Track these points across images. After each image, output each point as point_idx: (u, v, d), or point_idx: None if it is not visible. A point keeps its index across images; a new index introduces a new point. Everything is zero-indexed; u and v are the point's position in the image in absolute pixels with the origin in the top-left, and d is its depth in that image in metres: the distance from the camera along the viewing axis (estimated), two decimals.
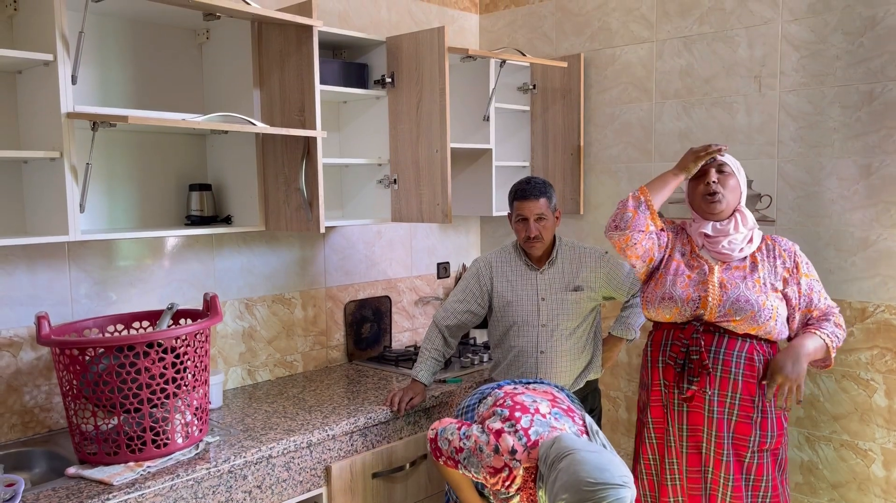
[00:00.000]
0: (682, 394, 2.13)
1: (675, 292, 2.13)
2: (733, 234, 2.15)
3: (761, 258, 2.17)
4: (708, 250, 2.19)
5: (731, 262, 2.16)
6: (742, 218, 2.17)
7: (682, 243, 2.26)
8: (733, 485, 2.11)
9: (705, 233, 2.17)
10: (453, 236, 3.51)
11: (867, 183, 2.50)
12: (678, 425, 2.16)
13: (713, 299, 2.10)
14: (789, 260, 2.17)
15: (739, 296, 2.09)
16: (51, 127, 1.98)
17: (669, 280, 2.16)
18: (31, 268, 2.19)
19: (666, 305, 2.14)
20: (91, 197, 2.19)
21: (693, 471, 2.15)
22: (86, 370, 1.92)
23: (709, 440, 2.12)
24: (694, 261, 2.20)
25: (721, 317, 2.09)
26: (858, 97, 2.50)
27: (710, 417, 2.11)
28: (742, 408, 2.10)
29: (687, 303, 2.12)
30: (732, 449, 2.11)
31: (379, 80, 2.75)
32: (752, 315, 2.07)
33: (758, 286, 2.11)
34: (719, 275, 2.13)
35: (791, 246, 2.21)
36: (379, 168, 2.82)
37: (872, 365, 2.52)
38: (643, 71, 3.02)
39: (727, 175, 2.17)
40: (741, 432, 2.11)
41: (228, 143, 2.50)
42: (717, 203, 2.14)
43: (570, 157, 3.22)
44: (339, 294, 3.03)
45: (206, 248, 2.61)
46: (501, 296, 2.51)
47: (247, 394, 2.63)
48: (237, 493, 2.03)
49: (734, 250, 2.15)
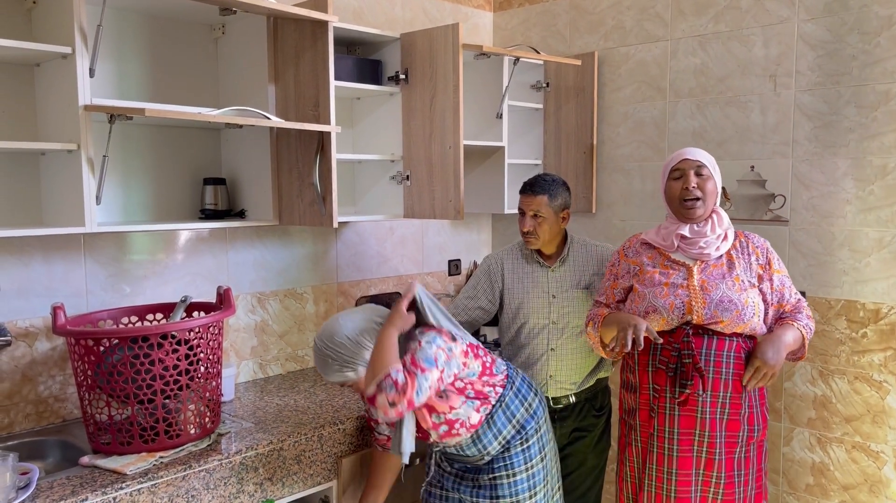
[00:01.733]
0: (675, 398, 2.11)
1: (658, 303, 2.12)
2: (710, 236, 2.14)
3: (736, 255, 2.16)
4: (684, 251, 2.18)
5: (708, 261, 2.16)
6: (718, 219, 2.16)
7: (647, 257, 2.23)
8: (725, 482, 2.11)
9: (682, 234, 2.15)
10: (465, 233, 3.51)
11: (883, 183, 2.48)
12: (668, 429, 2.13)
13: (697, 303, 2.08)
14: (762, 256, 2.17)
15: (723, 296, 2.08)
16: (68, 119, 1.99)
17: (649, 293, 2.14)
18: (47, 259, 2.21)
19: (652, 318, 2.13)
20: (107, 190, 2.21)
21: (683, 473, 2.13)
22: (100, 360, 1.93)
23: (700, 442, 2.10)
24: (668, 268, 2.17)
25: (708, 319, 2.08)
26: (875, 97, 2.48)
27: (702, 419, 2.10)
28: (732, 405, 2.10)
29: (672, 312, 2.11)
30: (725, 447, 2.11)
31: (393, 76, 2.76)
32: (737, 314, 2.07)
33: (737, 284, 2.10)
34: (699, 277, 2.12)
35: (763, 243, 2.20)
36: (392, 164, 2.83)
37: (886, 366, 2.51)
38: (657, 69, 3.01)
39: (705, 178, 2.13)
40: (732, 429, 2.11)
41: (243, 138, 2.52)
42: (695, 209, 2.12)
43: (583, 156, 3.21)
44: (351, 289, 3.04)
45: (220, 242, 2.62)
46: (512, 294, 2.51)
47: (258, 388, 2.65)
48: (248, 485, 2.05)
49: (711, 250, 2.14)
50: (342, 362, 1.97)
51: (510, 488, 2.09)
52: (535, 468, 2.12)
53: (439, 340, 1.94)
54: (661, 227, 2.24)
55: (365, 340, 1.98)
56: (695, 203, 2.12)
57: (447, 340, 1.96)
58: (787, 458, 2.76)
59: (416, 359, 1.89)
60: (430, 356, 1.89)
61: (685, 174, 2.14)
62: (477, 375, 2.03)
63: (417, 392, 1.83)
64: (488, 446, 2.08)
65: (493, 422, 2.06)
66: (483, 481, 2.11)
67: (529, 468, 2.11)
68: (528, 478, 2.11)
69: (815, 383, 2.67)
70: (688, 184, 2.13)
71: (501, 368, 2.13)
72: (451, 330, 2.01)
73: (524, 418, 2.11)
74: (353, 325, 2.00)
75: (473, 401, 2.02)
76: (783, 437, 2.76)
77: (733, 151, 2.81)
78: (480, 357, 2.06)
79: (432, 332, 1.96)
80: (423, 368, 1.86)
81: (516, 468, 2.10)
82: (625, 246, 2.31)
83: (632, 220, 3.14)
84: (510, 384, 2.11)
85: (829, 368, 2.63)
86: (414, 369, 1.86)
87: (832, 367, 2.63)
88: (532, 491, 2.11)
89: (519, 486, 2.10)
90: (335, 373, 1.99)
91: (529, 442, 2.11)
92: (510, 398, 2.09)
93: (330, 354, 1.97)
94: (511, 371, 2.16)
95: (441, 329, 1.99)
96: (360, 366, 1.97)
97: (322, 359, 1.99)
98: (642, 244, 2.27)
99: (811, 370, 2.67)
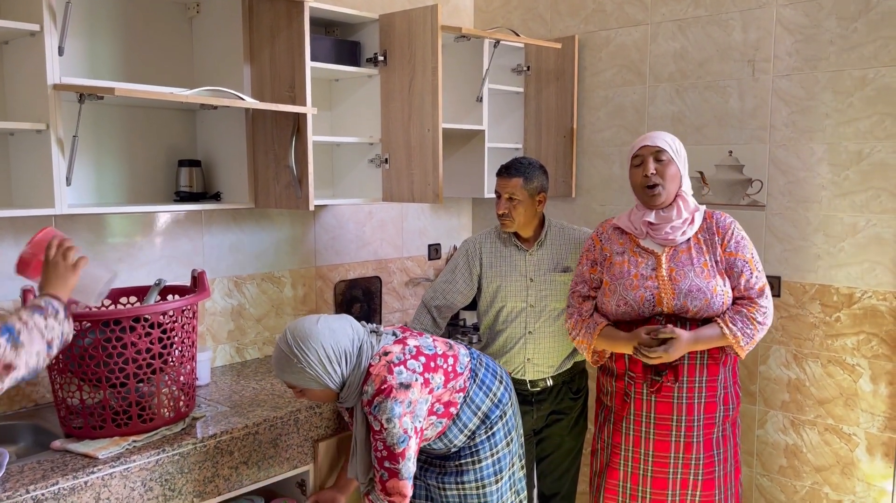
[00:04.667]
0: (650, 386, 2.13)
1: (628, 296, 2.12)
2: (675, 220, 2.12)
3: (704, 239, 2.15)
4: (652, 238, 2.17)
5: (677, 247, 2.15)
6: (684, 203, 2.14)
7: (618, 243, 2.23)
8: (704, 461, 2.14)
9: (649, 221, 2.15)
10: (445, 218, 3.50)
11: (858, 169, 2.50)
12: (644, 413, 2.15)
13: (666, 295, 2.09)
14: (726, 234, 2.15)
15: (691, 286, 2.08)
16: (37, 98, 1.95)
17: (619, 286, 2.15)
18: (18, 242, 2.18)
19: (624, 311, 2.13)
20: (78, 171, 2.17)
21: (660, 455, 2.14)
22: (71, 344, 1.91)
23: (678, 427, 2.12)
24: (637, 255, 2.18)
25: (678, 310, 2.09)
26: (851, 82, 2.49)
27: (678, 404, 2.11)
28: (709, 389, 2.12)
29: (643, 304, 2.11)
30: (703, 429, 2.13)
31: (371, 58, 2.73)
32: (706, 303, 2.07)
33: (706, 271, 2.10)
34: (667, 266, 2.12)
35: (729, 222, 2.17)
36: (370, 147, 2.81)
37: (858, 350, 2.54)
38: (637, 54, 3.00)
39: (665, 163, 2.11)
40: (709, 411, 2.13)
41: (218, 119, 2.48)
42: (656, 196, 2.11)
43: (563, 140, 3.21)
44: (330, 273, 3.03)
45: (196, 225, 2.59)
46: (490, 277, 2.51)
47: (235, 372, 2.63)
48: (223, 469, 2.04)
49: (677, 235, 2.13)
50: (306, 369, 1.89)
51: (476, 474, 2.10)
52: (500, 453, 2.12)
53: (396, 407, 1.84)
54: (631, 212, 2.24)
55: (341, 361, 1.90)
56: (654, 189, 2.12)
57: (402, 392, 1.86)
58: (760, 441, 2.79)
59: (390, 447, 1.84)
60: (399, 432, 1.85)
61: (644, 160, 2.13)
62: (441, 386, 1.99)
63: (408, 477, 1.88)
64: (454, 440, 2.08)
65: (458, 418, 2.06)
66: (449, 467, 2.11)
67: (495, 454, 2.11)
68: (494, 463, 2.11)
69: (789, 366, 2.70)
70: (647, 170, 2.12)
71: (464, 361, 2.08)
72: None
73: (489, 408, 2.10)
74: (334, 340, 1.91)
75: (441, 418, 2.02)
76: (757, 420, 2.79)
77: (712, 136, 2.82)
78: (440, 366, 1.99)
79: (385, 402, 1.84)
80: (401, 454, 1.85)
81: (482, 455, 2.10)
82: (598, 231, 2.31)
83: (611, 204, 3.14)
84: (473, 377, 2.09)
85: (803, 352, 2.66)
86: (394, 465, 1.85)
87: (806, 351, 2.65)
88: (497, 475, 2.12)
89: (485, 472, 2.10)
90: (293, 376, 1.91)
91: (494, 428, 2.10)
92: (474, 392, 2.08)
93: (299, 356, 1.88)
94: (474, 362, 2.13)
95: (393, 368, 1.90)
96: (325, 380, 1.90)
97: (284, 359, 1.90)
98: (614, 229, 2.27)
99: (785, 353, 2.70)
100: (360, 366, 1.92)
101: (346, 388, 1.93)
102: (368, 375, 1.91)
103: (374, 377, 1.89)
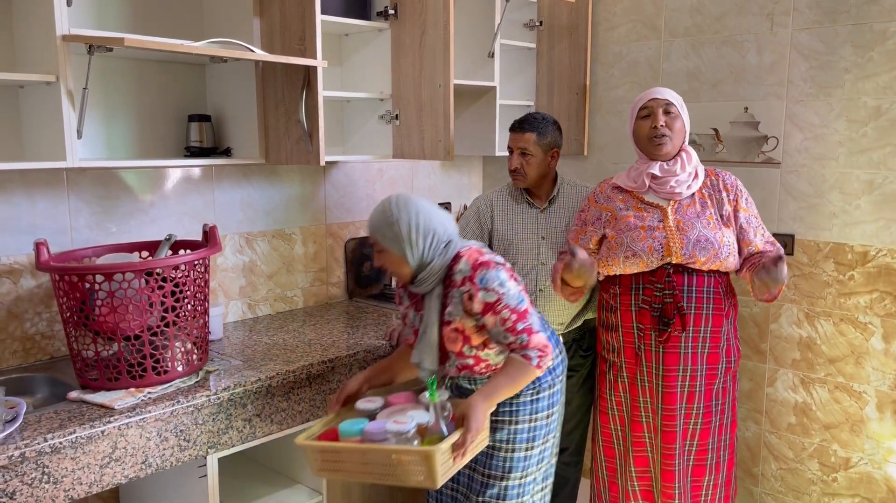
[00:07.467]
0: (659, 337, 2.15)
1: (636, 247, 2.13)
2: (680, 174, 2.17)
3: (708, 194, 2.20)
4: (655, 191, 2.19)
5: (681, 201, 2.17)
6: (687, 157, 2.19)
7: (619, 201, 2.24)
8: (703, 411, 2.19)
9: (653, 173, 2.17)
10: (455, 176, 3.48)
11: (876, 125, 2.46)
12: (654, 366, 2.18)
13: (675, 244, 2.11)
14: (732, 192, 2.20)
15: (699, 235, 2.11)
16: (46, 50, 1.94)
17: (627, 238, 2.16)
18: (29, 195, 2.18)
19: (632, 262, 2.15)
20: (89, 125, 2.16)
21: (669, 408, 2.18)
22: (85, 297, 1.92)
23: (684, 377, 2.17)
24: (643, 210, 2.19)
25: (687, 259, 2.11)
26: (872, 36, 2.44)
27: (685, 354, 2.15)
28: (713, 339, 2.16)
29: (651, 254, 2.13)
30: (705, 379, 2.18)
31: (381, 11, 2.69)
32: (714, 253, 2.11)
33: (712, 223, 2.14)
34: (674, 218, 2.15)
35: (734, 180, 2.23)
36: (381, 103, 2.78)
37: (871, 308, 2.53)
38: (653, 8, 2.94)
39: (673, 117, 2.17)
40: (712, 362, 2.18)
41: (228, 74, 2.46)
42: (662, 145, 2.15)
43: (576, 97, 3.16)
44: (340, 231, 3.02)
45: (206, 181, 2.59)
46: (501, 235, 2.50)
47: (247, 327, 2.65)
48: (237, 421, 2.06)
49: (682, 188, 2.17)
50: (394, 226, 1.88)
51: (509, 434, 2.01)
52: (538, 423, 2.04)
53: (501, 273, 1.87)
54: (631, 169, 2.25)
55: (427, 238, 1.89)
56: (662, 139, 2.14)
57: (500, 266, 1.89)
58: (770, 399, 2.80)
59: (515, 308, 1.84)
60: (516, 292, 1.86)
61: (654, 112, 2.17)
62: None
63: (541, 330, 1.89)
64: None
65: None
66: None
67: (533, 421, 2.03)
68: (529, 429, 2.02)
69: (800, 325, 2.69)
70: (656, 122, 2.15)
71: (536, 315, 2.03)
72: None
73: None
74: (429, 218, 1.91)
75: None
76: (767, 378, 2.79)
77: (727, 92, 2.77)
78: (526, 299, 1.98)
79: (489, 271, 1.86)
80: (526, 311, 1.86)
81: (520, 416, 2.02)
82: (595, 192, 2.32)
83: (624, 162, 3.10)
84: (543, 330, 2.01)
85: (815, 310, 2.65)
86: (527, 322, 1.85)
87: (818, 309, 2.64)
88: (529, 444, 2.03)
89: (518, 436, 2.02)
90: (380, 229, 1.91)
91: (541, 394, 2.03)
92: None
93: (393, 212, 1.89)
94: (544, 322, 2.08)
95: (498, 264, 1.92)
96: (405, 247, 1.89)
97: (380, 210, 1.92)
98: (613, 188, 2.28)
99: (797, 312, 2.69)
100: (447, 255, 1.91)
101: (425, 271, 1.91)
102: (458, 257, 1.91)
103: (467, 257, 1.89)
